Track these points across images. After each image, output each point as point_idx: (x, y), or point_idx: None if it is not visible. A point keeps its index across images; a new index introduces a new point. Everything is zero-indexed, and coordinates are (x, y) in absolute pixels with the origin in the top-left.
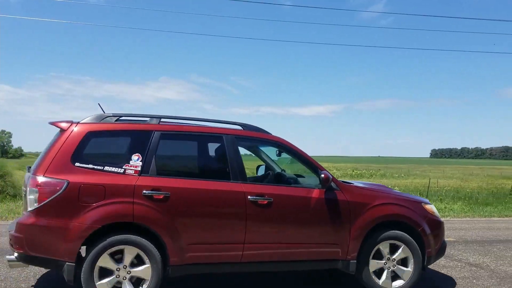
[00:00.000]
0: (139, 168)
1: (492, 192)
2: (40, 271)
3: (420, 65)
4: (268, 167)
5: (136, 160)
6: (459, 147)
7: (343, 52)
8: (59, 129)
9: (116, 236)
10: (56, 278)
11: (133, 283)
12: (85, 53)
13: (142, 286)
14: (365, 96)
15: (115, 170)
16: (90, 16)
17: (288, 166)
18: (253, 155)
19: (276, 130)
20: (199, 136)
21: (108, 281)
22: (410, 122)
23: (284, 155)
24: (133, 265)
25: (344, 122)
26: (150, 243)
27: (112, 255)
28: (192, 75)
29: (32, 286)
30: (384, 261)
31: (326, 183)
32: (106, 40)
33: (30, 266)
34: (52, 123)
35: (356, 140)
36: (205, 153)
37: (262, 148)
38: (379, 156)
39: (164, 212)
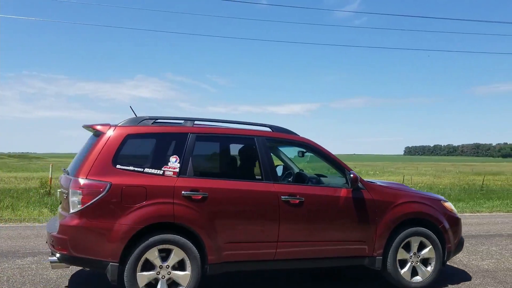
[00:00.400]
0: (177, 170)
1: (464, 188)
2: (71, 271)
3: (394, 64)
4: (286, 167)
5: (174, 162)
6: (432, 145)
7: (319, 51)
8: (95, 131)
9: (162, 235)
10: (86, 278)
11: (168, 285)
12: (57, 51)
13: (186, 279)
14: (340, 94)
15: (154, 172)
16: (62, 13)
17: (305, 165)
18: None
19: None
20: (232, 138)
21: (149, 275)
22: (384, 120)
23: (306, 155)
24: (174, 268)
25: (320, 121)
26: (190, 243)
27: (158, 252)
28: (168, 73)
29: (65, 286)
30: (409, 257)
31: (355, 183)
32: (80, 38)
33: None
34: (89, 126)
35: (332, 138)
36: (238, 154)
37: (281, 149)
38: (354, 154)
39: (202, 212)
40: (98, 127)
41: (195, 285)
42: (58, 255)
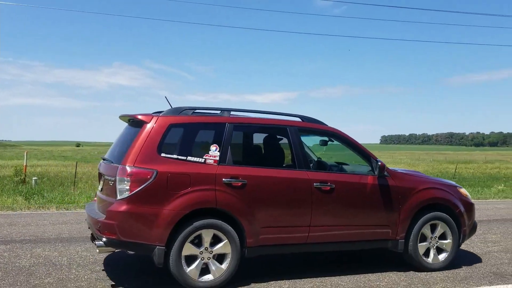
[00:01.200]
0: (217, 158)
1: (437, 176)
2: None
3: (372, 53)
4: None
5: (214, 151)
6: (407, 134)
7: (298, 40)
8: (135, 121)
9: (205, 220)
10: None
11: (216, 260)
12: (34, 37)
13: (225, 261)
14: (319, 83)
15: (196, 160)
16: None
17: (322, 154)
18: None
19: None
20: (266, 128)
21: (196, 266)
22: (362, 109)
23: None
24: (212, 244)
25: (299, 109)
26: (230, 227)
27: (196, 238)
28: (146, 60)
29: (102, 269)
30: (429, 240)
31: (382, 171)
32: (56, 24)
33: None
34: (131, 116)
35: None
36: (272, 143)
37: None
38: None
39: (242, 198)
40: (141, 117)
41: (235, 266)
42: (104, 239)
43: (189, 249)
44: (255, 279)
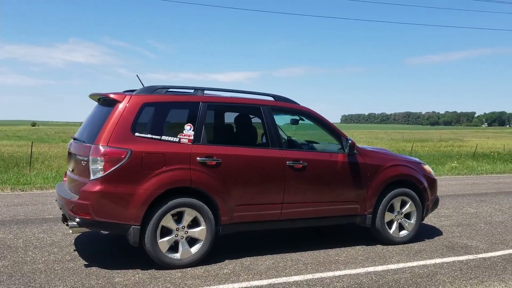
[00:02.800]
0: (192, 137)
1: None
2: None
3: (334, 34)
4: None
5: (188, 130)
6: (366, 113)
7: (261, 19)
8: (106, 100)
9: (180, 199)
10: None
11: (188, 242)
12: None
13: (195, 245)
14: (281, 63)
15: (171, 139)
16: None
17: (292, 133)
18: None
19: None
20: (239, 107)
21: (168, 240)
22: (323, 89)
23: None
24: (190, 226)
25: (261, 89)
26: (205, 205)
27: (173, 216)
28: (105, 37)
29: (74, 250)
30: (394, 215)
31: (353, 149)
32: None
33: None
34: (102, 95)
35: None
36: (245, 123)
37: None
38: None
39: (216, 177)
40: (113, 96)
41: (204, 252)
42: (78, 220)
43: (168, 222)
44: (215, 258)
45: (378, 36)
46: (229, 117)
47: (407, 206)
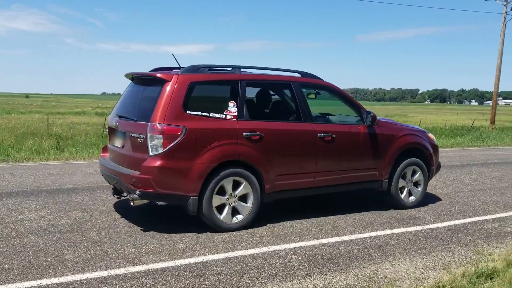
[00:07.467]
0: (236, 114)
1: None
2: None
3: (290, 8)
4: None
5: (232, 107)
6: None
7: None
8: (154, 79)
9: (231, 169)
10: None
11: (238, 209)
12: None
13: (244, 211)
14: (236, 37)
15: (218, 116)
16: None
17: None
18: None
19: (147, 69)
20: (273, 84)
21: (221, 207)
22: (279, 63)
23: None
24: (239, 196)
25: (216, 62)
26: (253, 176)
27: (225, 186)
28: (50, 4)
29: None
30: (406, 182)
31: (374, 121)
32: None
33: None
34: (151, 74)
35: None
36: (280, 98)
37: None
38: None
39: (259, 150)
40: (160, 75)
41: (257, 205)
42: (138, 192)
43: (221, 191)
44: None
45: (332, 12)
46: (266, 94)
47: (417, 175)
